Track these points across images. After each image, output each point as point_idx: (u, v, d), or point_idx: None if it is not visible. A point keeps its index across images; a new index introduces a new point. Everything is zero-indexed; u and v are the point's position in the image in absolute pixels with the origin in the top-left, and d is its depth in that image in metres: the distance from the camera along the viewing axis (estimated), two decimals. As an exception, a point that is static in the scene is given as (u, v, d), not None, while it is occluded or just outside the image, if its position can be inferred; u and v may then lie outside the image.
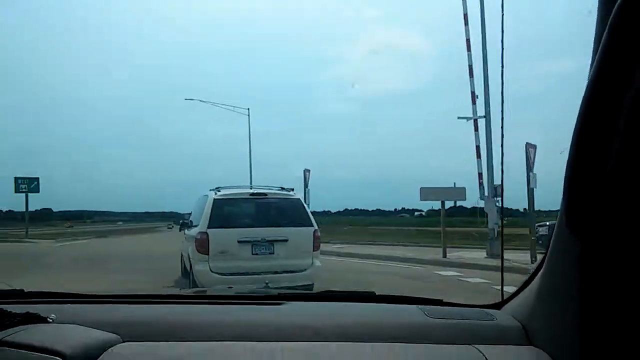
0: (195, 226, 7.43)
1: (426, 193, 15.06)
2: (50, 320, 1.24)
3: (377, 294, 1.64)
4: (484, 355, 1.12)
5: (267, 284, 6.66)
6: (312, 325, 1.26)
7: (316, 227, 7.45)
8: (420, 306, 1.42)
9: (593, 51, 0.75)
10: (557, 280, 1.09)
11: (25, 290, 1.56)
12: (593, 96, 0.72)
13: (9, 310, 1.22)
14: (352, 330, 1.24)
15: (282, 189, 7.98)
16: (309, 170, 19.29)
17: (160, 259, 11.81)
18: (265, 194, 7.56)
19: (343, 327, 1.26)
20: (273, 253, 7.12)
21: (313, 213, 7.97)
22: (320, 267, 7.44)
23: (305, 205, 7.68)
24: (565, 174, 0.79)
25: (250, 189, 7.92)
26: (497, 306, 1.46)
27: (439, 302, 1.53)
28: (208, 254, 6.91)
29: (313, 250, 7.32)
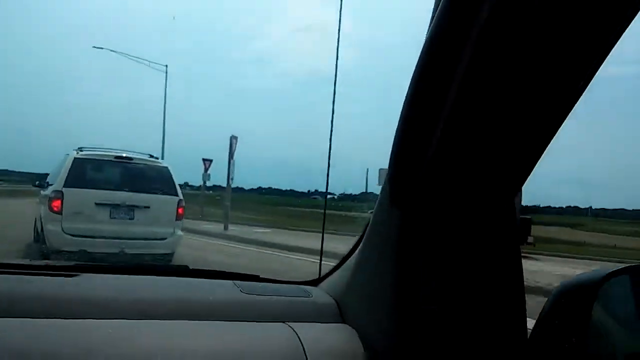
0: (51, 185, 7.05)
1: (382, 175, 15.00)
2: None
3: (190, 267, 1.58)
4: (295, 333, 1.12)
5: (122, 249, 6.61)
6: (110, 300, 1.14)
7: (181, 198, 7.47)
8: (236, 282, 1.38)
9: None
10: (370, 257, 1.13)
11: None
12: (417, 89, 0.77)
13: None
14: (158, 307, 1.16)
15: (151, 156, 7.87)
16: (236, 138, 16.49)
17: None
18: (130, 159, 7.37)
19: (147, 302, 1.17)
20: (133, 219, 7.00)
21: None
22: (182, 237, 7.48)
23: (173, 175, 7.60)
24: (391, 151, 0.85)
25: (116, 152, 7.66)
26: (315, 283, 1.47)
27: (256, 278, 1.50)
28: (61, 214, 6.62)
29: (176, 220, 7.34)
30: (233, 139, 16.41)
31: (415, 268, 0.94)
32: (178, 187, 7.55)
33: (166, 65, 23.90)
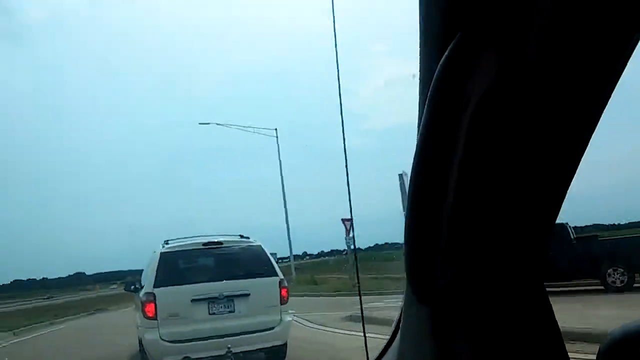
0: (143, 287, 6.35)
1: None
2: None
3: None
4: None
5: (229, 348, 5.62)
6: None
7: (282, 277, 6.48)
8: None
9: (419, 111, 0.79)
10: (410, 346, 1.10)
11: None
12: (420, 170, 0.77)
13: None
14: None
15: (241, 236, 7.03)
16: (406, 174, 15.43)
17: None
18: (220, 243, 6.53)
19: None
20: (234, 311, 6.08)
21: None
22: (291, 322, 6.41)
23: (268, 253, 6.69)
24: (404, 246, 0.84)
25: (203, 238, 6.89)
26: None
27: None
28: (157, 319, 5.83)
29: (281, 304, 6.31)
30: (404, 176, 14.46)
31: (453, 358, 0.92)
32: (277, 266, 6.60)
33: (275, 129, 22.87)
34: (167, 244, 6.56)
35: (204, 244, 6.49)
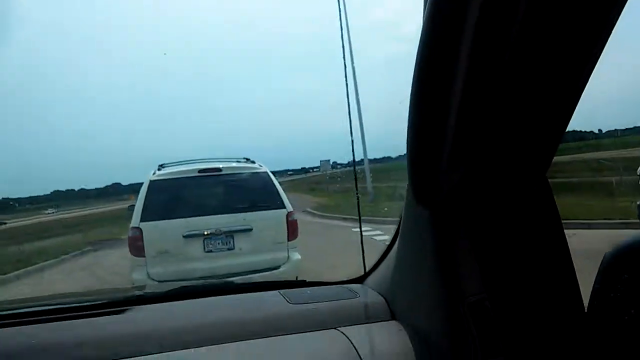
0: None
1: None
2: None
3: (235, 282, 1.74)
4: (347, 338, 1.12)
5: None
6: (157, 333, 1.15)
7: (290, 209, 5.57)
8: (281, 291, 1.38)
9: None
10: (408, 254, 1.11)
11: None
12: (423, 75, 0.74)
13: None
14: (206, 332, 1.15)
15: (247, 160, 6.06)
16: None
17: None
18: (219, 169, 5.58)
19: (195, 329, 1.16)
20: (233, 248, 5.26)
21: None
22: (300, 260, 5.58)
23: (275, 181, 5.75)
24: (407, 149, 0.83)
25: (203, 162, 5.92)
26: (360, 280, 1.46)
27: (302, 284, 1.52)
28: (144, 257, 5.10)
29: (288, 240, 5.46)
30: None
31: (455, 261, 0.94)
32: (284, 197, 5.65)
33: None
34: (160, 169, 5.68)
35: (200, 171, 5.55)
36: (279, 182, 5.94)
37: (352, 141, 1.60)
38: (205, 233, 5.20)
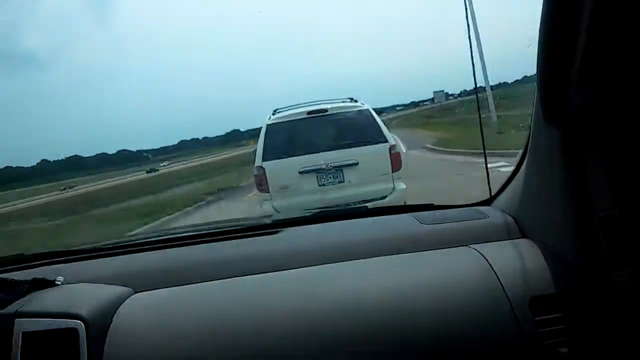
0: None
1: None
2: (59, 283, 1.20)
3: (369, 207, 1.85)
4: (481, 254, 1.13)
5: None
6: (308, 249, 1.27)
7: (393, 143, 5.99)
8: (413, 214, 1.41)
9: None
10: (538, 173, 1.11)
11: (25, 254, 1.50)
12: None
13: (13, 278, 1.16)
14: (349, 249, 1.23)
15: (351, 100, 6.53)
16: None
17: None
18: (325, 110, 6.12)
19: (339, 246, 1.25)
20: (343, 181, 5.86)
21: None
22: (404, 190, 6.04)
23: (376, 117, 6.16)
24: (537, 70, 0.84)
25: (311, 105, 6.50)
26: (487, 202, 1.47)
27: (431, 207, 1.53)
28: (269, 192, 5.92)
29: (393, 172, 5.93)
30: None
31: (584, 177, 0.94)
32: (386, 132, 6.07)
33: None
34: (274, 113, 6.39)
35: (309, 113, 6.15)
36: (390, 118, 6.32)
37: (473, 65, 1.56)
38: (318, 168, 5.84)
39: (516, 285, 1.04)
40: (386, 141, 5.94)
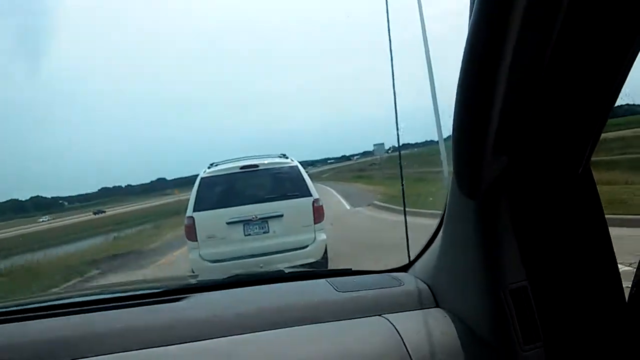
0: None
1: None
2: None
3: (285, 271, 1.61)
4: (392, 325, 1.12)
5: (261, 267, 5.96)
6: (217, 318, 1.19)
7: (316, 197, 6.59)
8: (329, 279, 1.40)
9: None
10: (453, 243, 1.12)
11: None
12: (466, 82, 0.74)
13: None
14: (261, 318, 1.18)
15: (282, 156, 7.12)
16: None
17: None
18: (256, 165, 6.70)
19: (251, 315, 1.20)
20: (268, 232, 6.34)
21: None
22: (325, 240, 6.60)
23: (303, 173, 6.78)
24: (452, 141, 0.82)
25: (245, 160, 7.05)
26: (404, 268, 1.47)
27: (349, 272, 1.52)
28: (196, 241, 6.24)
29: (314, 223, 6.48)
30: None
31: (498, 249, 0.94)
32: (311, 186, 6.68)
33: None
34: (210, 167, 6.86)
35: (241, 167, 6.68)
36: (321, 171, 6.93)
37: (397, 123, 1.56)
38: (245, 219, 6.28)
39: (424, 357, 1.05)
40: (310, 195, 6.53)
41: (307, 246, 6.40)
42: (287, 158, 7.05)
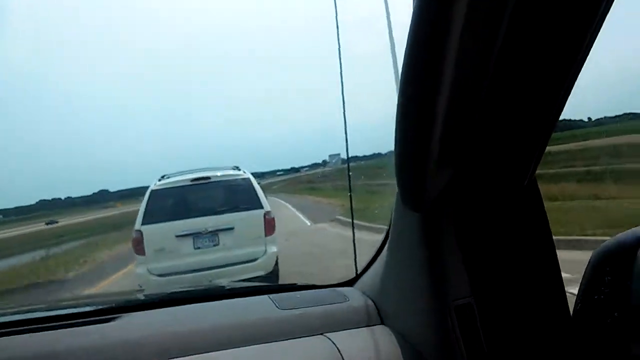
0: None
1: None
2: None
3: (226, 287, 1.58)
4: (334, 344, 1.10)
5: (210, 281, 5.90)
6: (151, 339, 1.12)
7: (268, 209, 6.61)
8: (271, 296, 1.36)
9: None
10: (398, 258, 1.10)
11: None
12: (408, 85, 0.73)
13: None
14: (198, 339, 1.13)
15: (236, 168, 7.10)
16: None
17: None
18: (207, 178, 6.63)
19: (186, 336, 1.14)
20: (218, 244, 6.29)
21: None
22: (276, 253, 6.63)
23: (255, 185, 6.78)
24: (394, 154, 0.81)
25: (197, 172, 6.97)
26: (351, 282, 1.44)
27: (292, 287, 1.48)
28: (144, 255, 6.11)
29: (265, 236, 6.50)
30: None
31: (442, 264, 0.93)
32: (263, 199, 6.69)
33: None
34: (160, 179, 6.73)
35: (192, 180, 6.61)
36: (270, 182, 6.93)
37: (347, 134, 1.57)
38: (195, 232, 6.21)
39: None
40: (262, 207, 6.55)
41: (257, 259, 6.40)
42: (239, 170, 7.03)
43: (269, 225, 6.55)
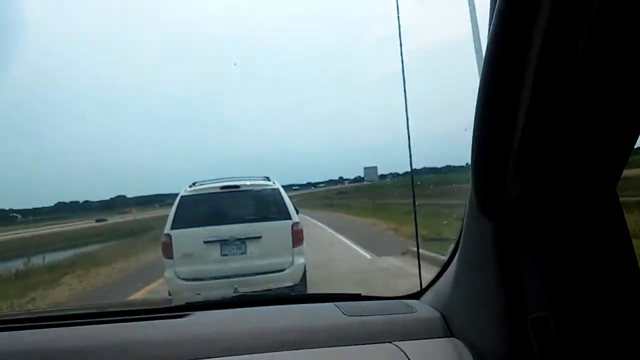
0: None
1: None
2: None
3: (293, 294, 1.66)
4: (404, 353, 1.08)
5: (235, 288, 5.87)
6: (220, 337, 1.16)
7: (296, 220, 6.59)
8: (337, 303, 1.35)
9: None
10: (469, 268, 1.06)
11: None
12: (489, 86, 0.71)
13: None
14: (265, 339, 1.15)
15: (267, 179, 7.12)
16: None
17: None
18: (237, 186, 6.68)
19: (254, 336, 1.16)
20: (245, 253, 6.28)
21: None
22: (304, 264, 6.58)
23: (284, 196, 6.78)
24: (471, 159, 0.79)
25: (227, 181, 7.02)
26: (417, 295, 1.42)
27: (357, 297, 1.47)
28: (173, 259, 6.12)
29: (293, 247, 6.47)
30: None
31: (518, 275, 0.89)
32: (292, 209, 6.68)
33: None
34: (191, 186, 6.81)
35: (222, 187, 6.65)
36: (290, 196, 6.95)
37: (410, 145, 1.56)
38: (222, 239, 6.21)
39: None
40: (290, 218, 6.52)
41: (284, 269, 6.37)
42: (269, 180, 7.05)
43: (297, 236, 6.52)
